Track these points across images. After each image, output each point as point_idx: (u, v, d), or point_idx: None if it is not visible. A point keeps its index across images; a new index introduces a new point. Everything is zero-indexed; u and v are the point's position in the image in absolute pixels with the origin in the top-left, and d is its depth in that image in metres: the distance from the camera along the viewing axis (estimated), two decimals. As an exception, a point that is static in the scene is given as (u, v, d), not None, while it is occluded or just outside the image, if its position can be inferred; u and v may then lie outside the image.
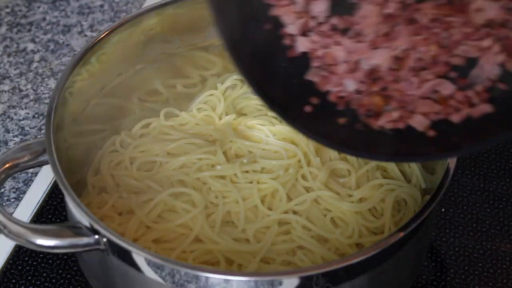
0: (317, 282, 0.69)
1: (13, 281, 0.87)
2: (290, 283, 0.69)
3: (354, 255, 0.70)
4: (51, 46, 1.12)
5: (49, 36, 1.13)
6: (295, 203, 0.83)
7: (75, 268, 0.87)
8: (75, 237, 0.73)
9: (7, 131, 1.01)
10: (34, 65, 1.09)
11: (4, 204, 0.93)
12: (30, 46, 1.12)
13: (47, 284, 0.87)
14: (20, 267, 0.88)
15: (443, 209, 0.92)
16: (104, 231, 0.71)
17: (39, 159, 0.78)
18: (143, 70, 0.91)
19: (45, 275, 0.87)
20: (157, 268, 0.70)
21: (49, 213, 0.92)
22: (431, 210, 0.73)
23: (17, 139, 1.00)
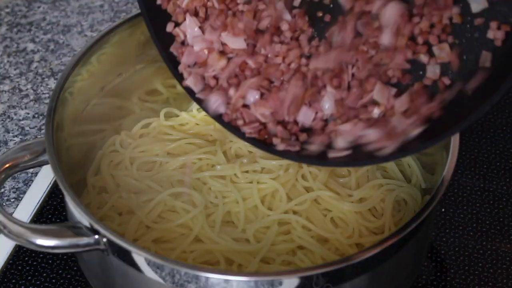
0: (317, 282, 0.69)
1: (13, 281, 0.87)
2: (290, 283, 0.69)
3: (354, 255, 0.70)
4: (51, 46, 1.12)
5: (49, 36, 1.13)
6: (295, 203, 0.83)
7: (75, 268, 0.87)
8: (75, 237, 0.72)
9: (7, 131, 1.01)
10: (34, 65, 1.09)
11: (4, 204, 0.93)
12: (30, 46, 1.12)
13: (47, 284, 0.86)
14: (20, 267, 0.88)
15: (443, 209, 0.92)
16: (104, 231, 0.71)
17: (39, 159, 0.78)
18: (143, 70, 0.91)
19: (45, 275, 0.87)
20: (157, 268, 0.70)
21: (49, 213, 0.92)
22: (431, 210, 0.73)
23: (17, 139, 1.00)
